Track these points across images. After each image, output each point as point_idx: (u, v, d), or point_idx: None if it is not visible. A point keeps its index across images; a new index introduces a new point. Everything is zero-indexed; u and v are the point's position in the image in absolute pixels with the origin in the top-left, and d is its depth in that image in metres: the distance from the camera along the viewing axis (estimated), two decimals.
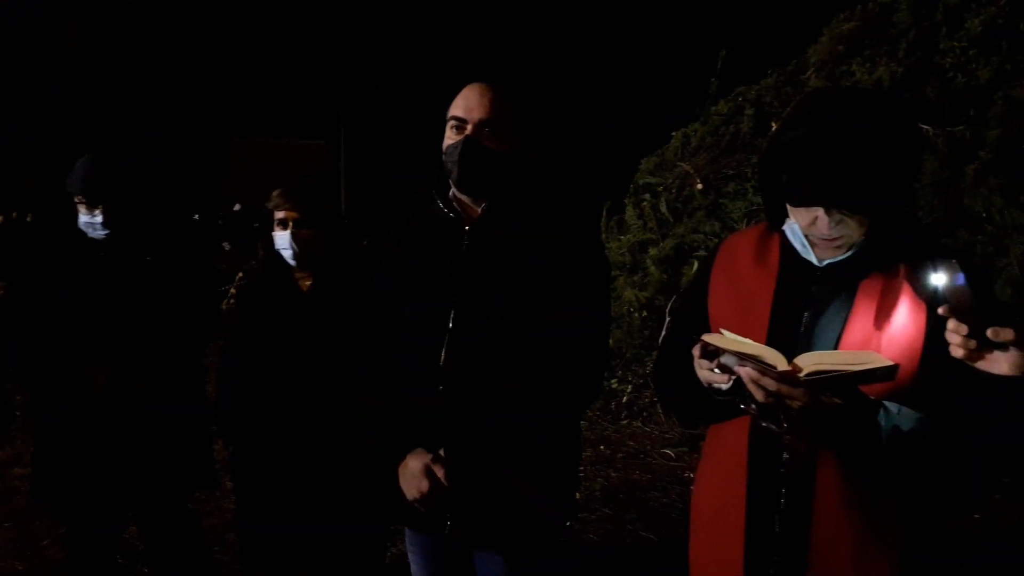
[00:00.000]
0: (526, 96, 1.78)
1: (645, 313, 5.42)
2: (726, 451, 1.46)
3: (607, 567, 3.20)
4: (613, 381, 5.36)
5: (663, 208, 5.65)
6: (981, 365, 1.17)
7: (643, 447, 4.66)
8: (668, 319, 5.13)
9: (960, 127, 4.76)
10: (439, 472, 1.66)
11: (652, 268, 5.57)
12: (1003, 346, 1.15)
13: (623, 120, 7.50)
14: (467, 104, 1.69)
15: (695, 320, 1.50)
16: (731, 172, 5.50)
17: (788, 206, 1.39)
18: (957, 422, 1.26)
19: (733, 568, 1.41)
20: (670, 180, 5.74)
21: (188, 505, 2.57)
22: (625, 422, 5.05)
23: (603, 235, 6.22)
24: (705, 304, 1.51)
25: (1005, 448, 1.25)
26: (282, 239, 2.10)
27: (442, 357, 1.69)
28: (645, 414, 5.06)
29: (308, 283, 2.17)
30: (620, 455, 4.54)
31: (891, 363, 1.20)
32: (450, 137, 1.72)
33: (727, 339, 1.30)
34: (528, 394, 1.66)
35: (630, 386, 5.29)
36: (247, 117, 10.23)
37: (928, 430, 1.26)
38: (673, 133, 6.00)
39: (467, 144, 1.67)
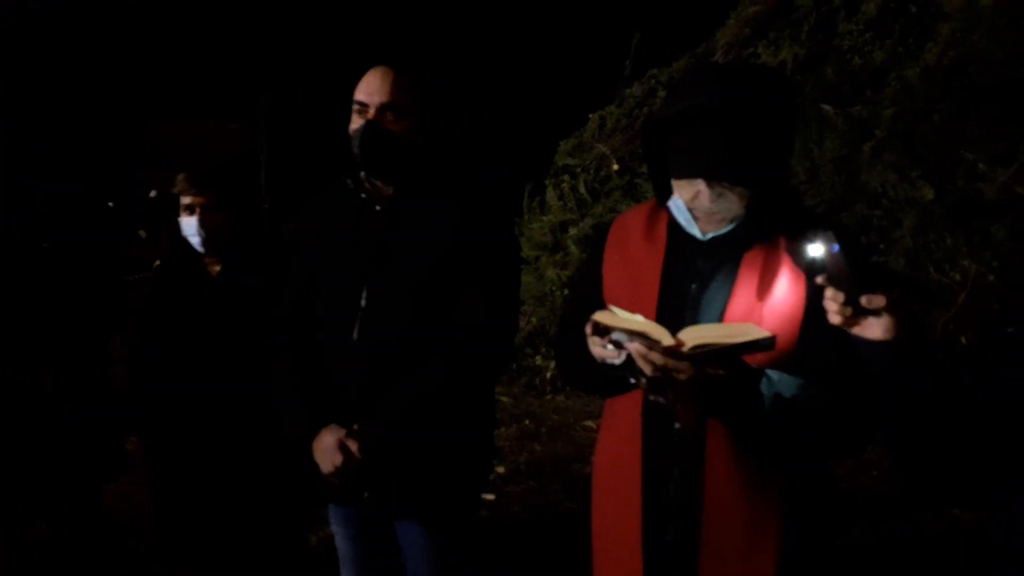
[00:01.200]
0: (432, 78, 1.81)
1: (567, 291, 5.53)
2: (622, 423, 1.50)
3: (531, 537, 3.29)
4: (537, 358, 5.46)
5: (582, 189, 5.76)
6: (857, 331, 1.22)
7: (567, 420, 4.78)
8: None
9: (858, 107, 5.01)
10: (352, 446, 1.70)
11: (572, 247, 5.68)
12: (877, 312, 1.21)
13: (541, 102, 7.57)
14: (368, 88, 1.71)
15: (590, 297, 1.53)
16: None
17: (672, 180, 1.43)
18: (836, 386, 1.34)
19: (631, 536, 1.46)
20: (588, 161, 5.85)
21: (100, 500, 2.52)
22: (549, 397, 5.16)
23: (525, 216, 6.30)
24: (599, 280, 1.55)
25: (879, 408, 1.34)
26: (189, 225, 2.07)
27: (355, 333, 1.73)
28: (568, 388, 5.17)
29: (218, 269, 2.14)
30: (544, 429, 4.65)
31: (769, 334, 1.26)
32: (354, 121, 1.73)
33: (616, 316, 1.34)
34: (440, 370, 1.71)
35: (553, 362, 5.40)
36: (159, 98, 9.79)
37: (808, 395, 1.33)
38: (590, 115, 6.10)
39: (368, 128, 1.69)
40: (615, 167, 5.66)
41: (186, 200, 2.08)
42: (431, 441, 1.72)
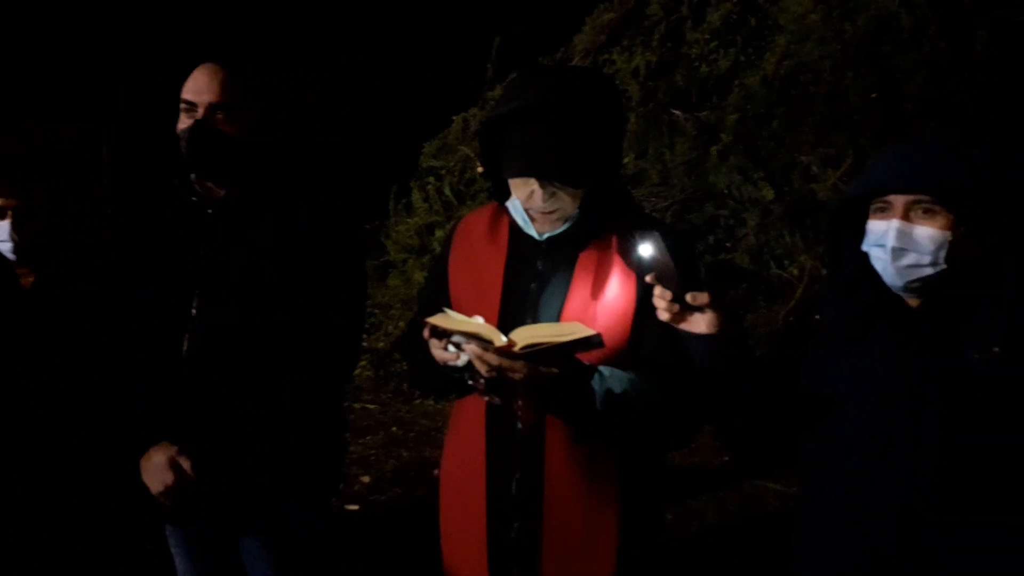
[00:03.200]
0: (267, 76, 1.75)
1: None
2: (467, 424, 1.52)
3: (395, 545, 3.24)
4: (405, 363, 5.40)
5: (447, 191, 5.75)
6: (684, 326, 1.30)
7: (435, 424, 4.75)
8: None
9: (705, 112, 5.28)
10: (185, 464, 1.62)
11: (439, 250, 5.67)
12: (701, 308, 1.28)
13: (405, 103, 7.51)
14: (196, 86, 1.63)
15: (438, 298, 1.54)
16: None
17: (508, 181, 1.45)
18: (665, 379, 1.40)
19: (477, 533, 1.48)
20: (453, 163, 5.86)
21: None
22: (418, 402, 5.11)
23: (391, 218, 6.22)
24: (446, 283, 1.56)
25: (707, 398, 1.41)
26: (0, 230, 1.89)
27: (185, 344, 1.64)
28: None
29: (31, 280, 1.96)
30: (412, 434, 4.60)
31: (595, 332, 1.31)
32: (182, 121, 1.65)
33: (450, 318, 1.35)
34: (276, 384, 1.64)
35: None
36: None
37: (638, 389, 1.38)
38: (453, 117, 6.12)
39: (196, 128, 1.61)
40: (480, 169, 5.70)
41: None
42: (270, 457, 1.65)
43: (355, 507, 3.55)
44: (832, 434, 1.30)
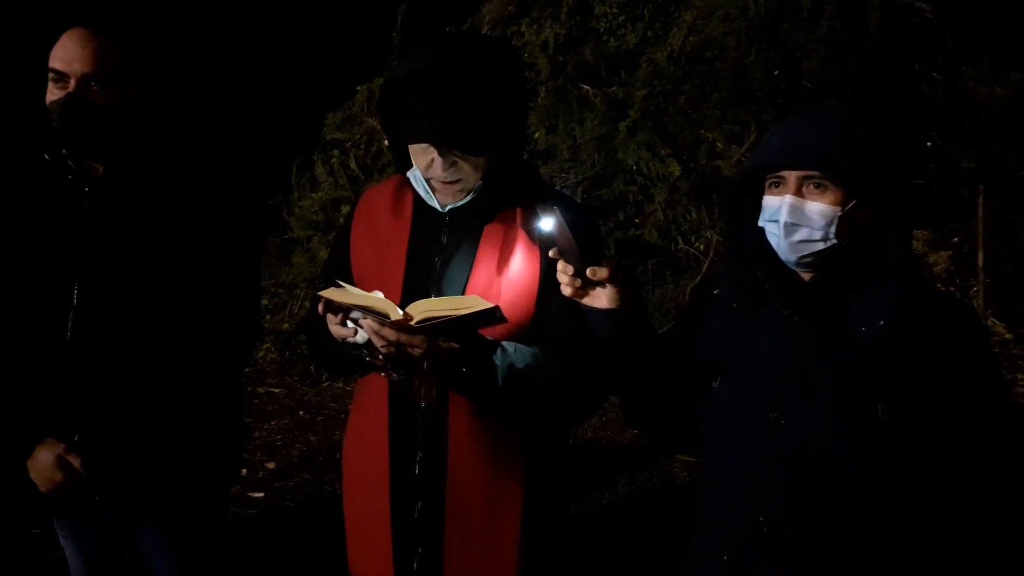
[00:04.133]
0: (147, 40, 1.60)
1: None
2: (370, 403, 1.48)
3: (300, 531, 3.14)
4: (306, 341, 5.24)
5: (353, 164, 5.59)
6: (587, 301, 1.29)
7: (344, 407, 4.63)
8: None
9: (614, 87, 5.30)
10: (75, 461, 1.52)
11: None
12: (602, 283, 1.27)
13: (307, 72, 7.21)
14: (66, 55, 1.48)
15: (340, 275, 1.47)
16: None
17: (409, 149, 1.40)
18: (568, 354, 1.37)
19: (380, 513, 1.44)
20: (358, 136, 5.69)
21: None
22: (326, 384, 4.97)
23: (295, 193, 6.01)
24: (348, 258, 1.51)
25: (609, 372, 1.39)
26: None
27: (68, 332, 1.53)
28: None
29: None
30: (320, 418, 4.48)
31: (493, 305, 1.28)
32: (51, 92, 1.50)
33: (345, 292, 1.30)
34: (172, 367, 1.54)
35: None
36: None
37: (540, 364, 1.36)
38: (358, 87, 5.93)
39: (69, 103, 1.47)
40: (387, 142, 5.55)
41: None
42: (163, 444, 1.56)
43: (260, 494, 3.43)
44: (729, 406, 1.32)
